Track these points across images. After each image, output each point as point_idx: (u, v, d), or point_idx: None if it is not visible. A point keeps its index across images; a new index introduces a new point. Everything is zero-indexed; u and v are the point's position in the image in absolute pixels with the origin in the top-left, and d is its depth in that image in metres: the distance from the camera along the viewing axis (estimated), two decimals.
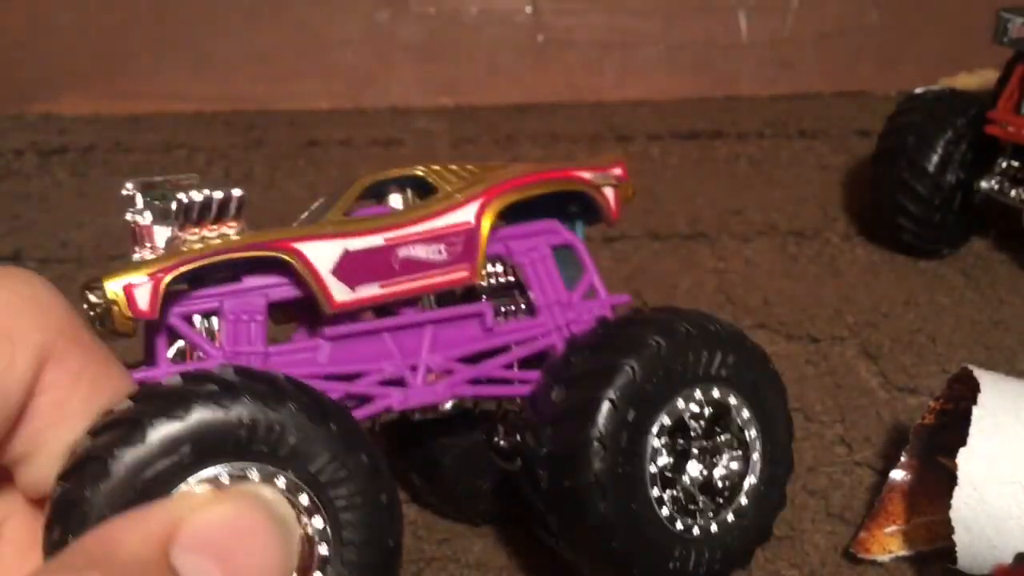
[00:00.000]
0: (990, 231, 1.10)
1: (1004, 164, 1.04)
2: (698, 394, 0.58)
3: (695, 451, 0.58)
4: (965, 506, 0.59)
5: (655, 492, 0.56)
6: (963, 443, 0.60)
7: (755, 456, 0.59)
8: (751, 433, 0.59)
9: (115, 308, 0.53)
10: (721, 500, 0.59)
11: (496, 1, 1.56)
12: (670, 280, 1.04)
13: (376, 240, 0.56)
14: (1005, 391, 0.63)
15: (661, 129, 1.44)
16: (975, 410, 0.61)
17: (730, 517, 0.59)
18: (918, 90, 1.11)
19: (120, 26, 1.53)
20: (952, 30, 1.58)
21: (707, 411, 0.58)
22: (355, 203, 0.60)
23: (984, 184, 1.05)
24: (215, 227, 0.54)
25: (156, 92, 1.53)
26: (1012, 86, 1.03)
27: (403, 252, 0.57)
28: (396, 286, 0.56)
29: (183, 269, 0.53)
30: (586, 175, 0.63)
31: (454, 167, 0.61)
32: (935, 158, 1.03)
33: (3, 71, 1.51)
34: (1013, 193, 1.03)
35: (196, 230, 0.54)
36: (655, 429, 0.56)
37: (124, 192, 0.59)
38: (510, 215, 0.61)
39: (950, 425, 0.66)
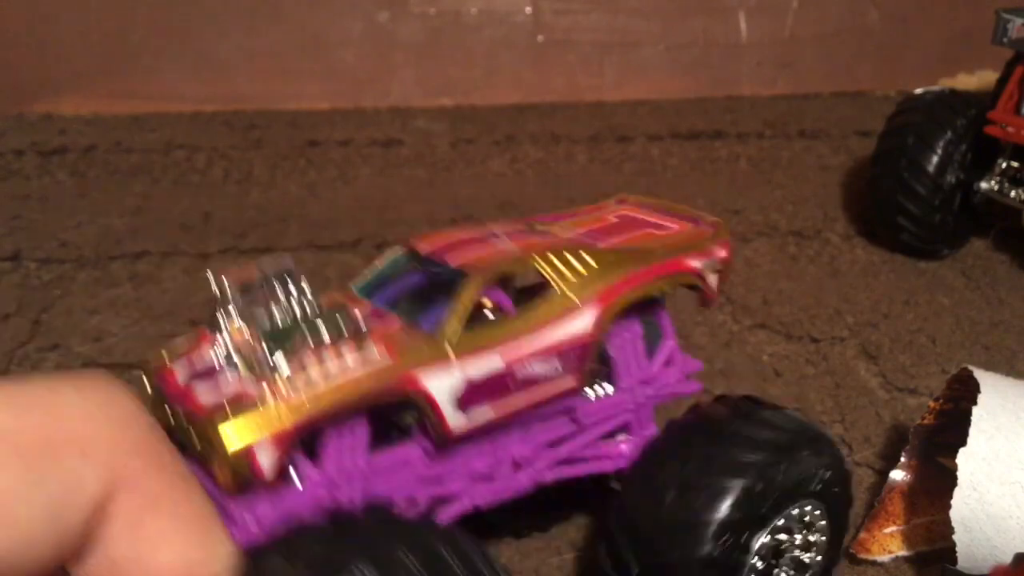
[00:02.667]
0: (990, 232, 1.10)
1: (1004, 165, 1.04)
2: (796, 511, 0.56)
3: (782, 565, 0.57)
4: (965, 506, 0.59)
5: None
6: (963, 443, 0.60)
7: (818, 558, 0.59)
8: (822, 538, 0.58)
9: (229, 469, 0.45)
10: None
11: (496, 1, 1.56)
12: None
13: (495, 362, 0.51)
14: (1005, 391, 0.63)
15: (661, 129, 1.45)
16: (975, 410, 0.61)
17: None
18: (918, 90, 1.11)
19: (120, 27, 1.53)
20: (952, 30, 1.58)
21: (802, 530, 0.57)
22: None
23: (984, 185, 1.05)
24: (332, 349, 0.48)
25: (156, 92, 1.53)
26: (1012, 87, 1.03)
27: (520, 372, 0.52)
28: (508, 407, 0.53)
29: (307, 425, 0.46)
30: (696, 264, 0.59)
31: (563, 253, 0.56)
32: (935, 159, 1.03)
33: (3, 71, 1.51)
34: (1013, 194, 1.03)
35: (312, 357, 0.47)
36: (756, 547, 0.55)
37: (215, 288, 0.48)
38: None
39: (950, 425, 0.67)
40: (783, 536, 0.56)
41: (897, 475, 0.69)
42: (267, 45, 1.55)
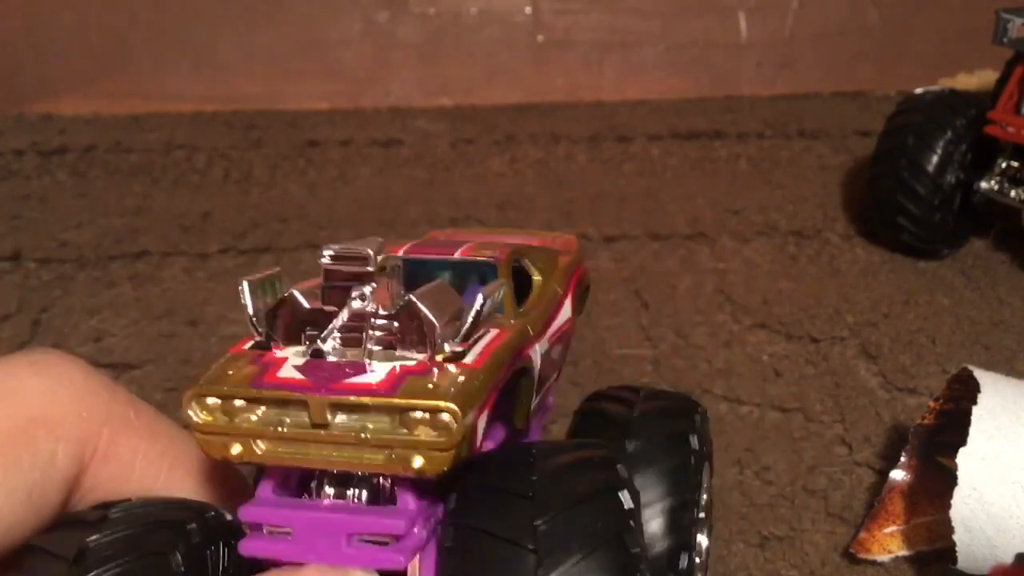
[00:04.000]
0: (990, 231, 1.10)
1: (1004, 164, 1.04)
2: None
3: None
4: (965, 506, 0.59)
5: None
6: (963, 443, 0.60)
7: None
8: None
9: (447, 452, 0.38)
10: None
11: (496, 1, 1.56)
12: (670, 280, 1.04)
13: (544, 345, 0.50)
14: (1005, 391, 0.63)
15: (661, 129, 1.44)
16: (975, 410, 0.61)
17: None
18: (918, 90, 1.11)
19: (120, 27, 1.53)
20: (952, 30, 1.58)
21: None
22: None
23: (984, 184, 1.05)
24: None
25: (156, 92, 1.53)
26: (1012, 86, 1.03)
27: (551, 356, 0.52)
28: (546, 391, 0.52)
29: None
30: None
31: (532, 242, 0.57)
32: (935, 158, 1.03)
33: (3, 71, 1.51)
34: (1013, 193, 1.03)
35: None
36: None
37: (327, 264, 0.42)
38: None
39: (950, 425, 0.66)
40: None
41: (897, 475, 0.69)
42: (267, 45, 1.55)
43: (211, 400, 0.39)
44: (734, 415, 0.82)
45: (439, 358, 0.40)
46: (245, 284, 0.42)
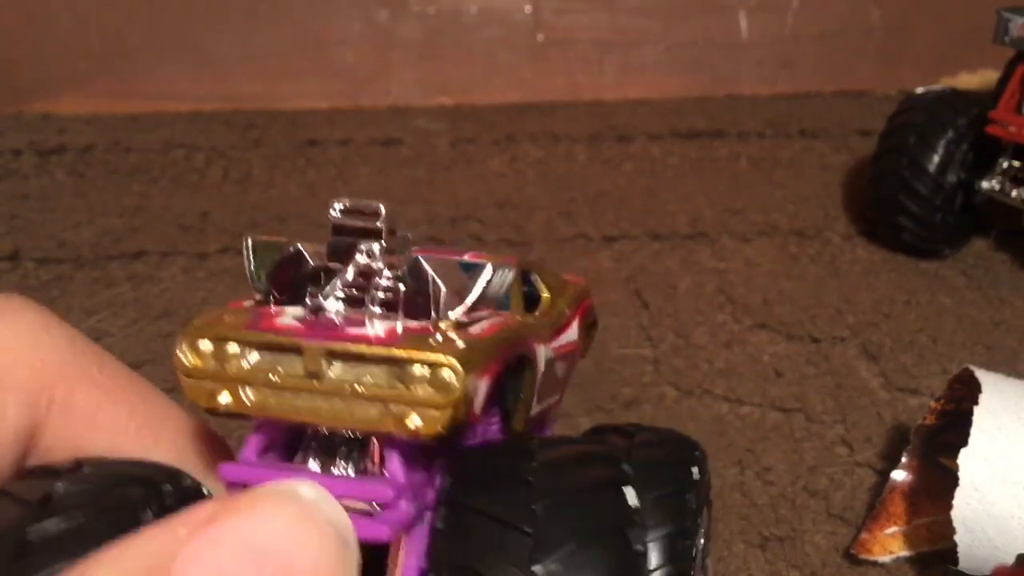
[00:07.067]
0: (991, 231, 1.10)
1: (1005, 164, 1.04)
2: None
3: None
4: (967, 506, 0.59)
5: None
6: (964, 443, 0.60)
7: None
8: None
9: (444, 410, 0.35)
10: None
11: (496, 0, 1.56)
12: (670, 280, 1.03)
13: (549, 353, 0.48)
14: (1006, 392, 0.63)
15: (661, 128, 1.44)
16: (976, 411, 0.61)
17: None
18: (919, 90, 1.11)
19: (119, 26, 1.52)
20: (953, 30, 1.58)
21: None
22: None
23: (985, 184, 1.05)
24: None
25: (155, 91, 1.53)
26: (1013, 86, 1.03)
27: (555, 369, 0.50)
28: (545, 403, 0.50)
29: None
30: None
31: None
32: (936, 158, 1.03)
33: (1, 70, 1.50)
34: (1014, 193, 1.03)
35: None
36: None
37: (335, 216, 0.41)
38: None
39: (951, 426, 0.66)
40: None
41: (898, 475, 0.69)
42: (266, 44, 1.55)
43: (203, 345, 0.37)
44: (735, 415, 0.81)
45: (442, 325, 0.38)
46: (249, 240, 0.41)
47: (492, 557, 0.36)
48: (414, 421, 0.35)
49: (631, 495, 0.39)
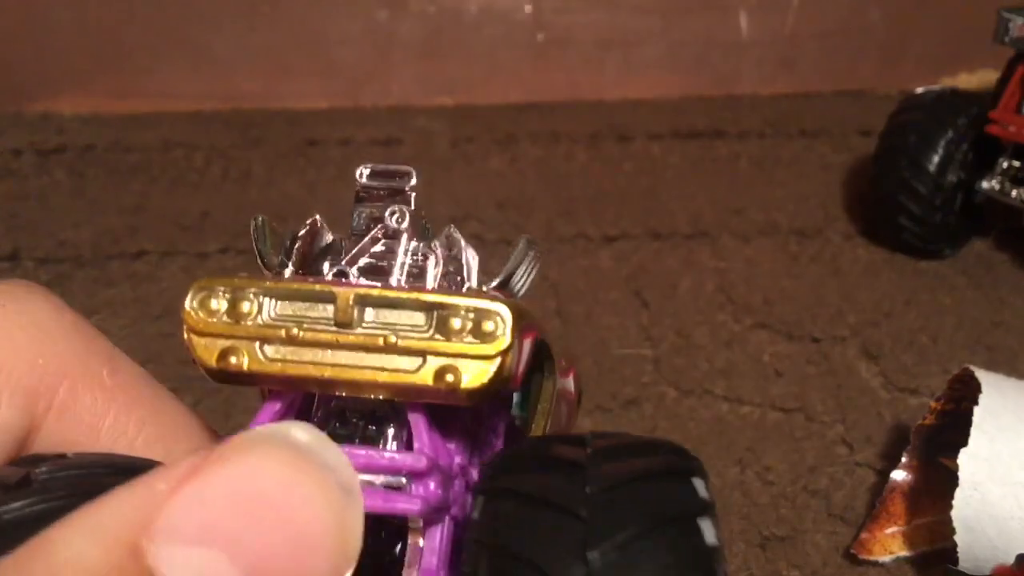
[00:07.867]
0: (991, 231, 1.10)
1: (1005, 164, 1.04)
2: None
3: None
4: (967, 506, 0.59)
5: None
6: (964, 443, 0.60)
7: None
8: None
9: (492, 361, 0.32)
10: None
11: (496, 0, 1.56)
12: (670, 279, 1.03)
13: (560, 381, 0.47)
14: (1006, 392, 0.63)
15: (662, 128, 1.44)
16: (976, 411, 0.61)
17: None
18: (919, 89, 1.11)
19: (118, 25, 1.52)
20: (953, 30, 1.58)
21: None
22: None
23: (985, 184, 1.05)
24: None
25: (154, 91, 1.53)
26: (1013, 86, 1.03)
27: (562, 403, 0.49)
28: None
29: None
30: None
31: None
32: (936, 158, 1.03)
33: (1, 70, 1.50)
34: (1014, 193, 1.03)
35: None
36: None
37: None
38: None
39: (951, 425, 0.66)
40: None
41: (898, 475, 0.69)
42: (266, 43, 1.55)
43: (215, 302, 0.33)
44: (735, 415, 0.81)
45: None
46: (261, 219, 0.38)
47: (540, 544, 0.31)
48: (456, 375, 0.32)
49: (701, 487, 0.34)
